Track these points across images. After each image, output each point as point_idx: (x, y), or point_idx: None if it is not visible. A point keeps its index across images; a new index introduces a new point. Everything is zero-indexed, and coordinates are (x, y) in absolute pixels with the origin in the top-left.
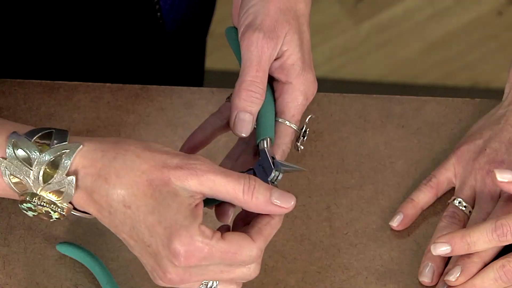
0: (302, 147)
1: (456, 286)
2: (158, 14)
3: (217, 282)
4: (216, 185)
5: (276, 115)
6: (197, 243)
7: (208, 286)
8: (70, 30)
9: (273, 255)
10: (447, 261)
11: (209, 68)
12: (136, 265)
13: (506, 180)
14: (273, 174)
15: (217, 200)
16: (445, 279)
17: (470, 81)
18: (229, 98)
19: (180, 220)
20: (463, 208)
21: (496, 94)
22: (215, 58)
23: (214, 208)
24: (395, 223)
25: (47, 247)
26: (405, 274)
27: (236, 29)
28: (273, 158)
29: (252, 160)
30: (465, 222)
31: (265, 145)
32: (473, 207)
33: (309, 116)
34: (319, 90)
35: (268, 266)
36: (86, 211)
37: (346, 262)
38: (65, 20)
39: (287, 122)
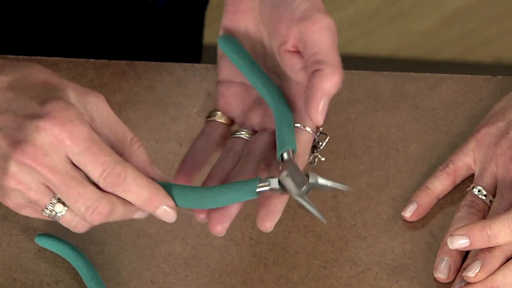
0: (323, 159)
1: (475, 282)
2: None
3: (65, 207)
4: (110, 117)
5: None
6: (72, 111)
7: (54, 212)
8: (52, 3)
9: (273, 249)
10: (464, 256)
11: (207, 42)
12: (123, 260)
13: None
14: (305, 187)
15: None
16: (463, 275)
17: (491, 57)
18: (209, 117)
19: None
20: (483, 197)
21: None
22: (214, 31)
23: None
24: (408, 213)
25: (25, 239)
26: (419, 269)
27: (233, 38)
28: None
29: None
30: (485, 213)
31: (291, 156)
32: (494, 196)
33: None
34: None
35: (268, 261)
36: None
37: (354, 256)
38: None
39: (307, 128)
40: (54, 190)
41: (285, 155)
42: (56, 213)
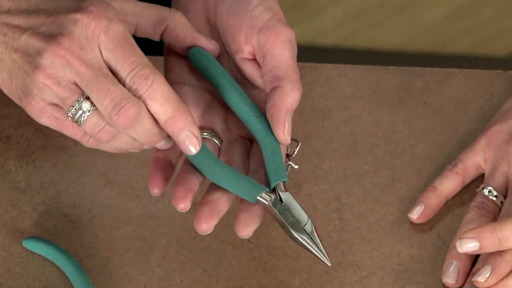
0: (297, 166)
1: None
2: None
3: (92, 107)
4: (137, 4)
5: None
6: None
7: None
8: None
9: (273, 252)
10: (474, 260)
11: None
12: (114, 264)
13: None
14: (308, 221)
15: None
16: (472, 280)
17: (504, 50)
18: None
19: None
20: (494, 198)
21: None
22: None
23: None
24: (415, 215)
25: (12, 242)
26: (427, 274)
27: (202, 49)
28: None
29: None
30: (496, 214)
31: (282, 188)
32: (505, 197)
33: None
34: (327, 61)
35: (268, 265)
36: None
37: (358, 260)
38: None
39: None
40: (83, 86)
41: (279, 187)
42: (83, 112)
